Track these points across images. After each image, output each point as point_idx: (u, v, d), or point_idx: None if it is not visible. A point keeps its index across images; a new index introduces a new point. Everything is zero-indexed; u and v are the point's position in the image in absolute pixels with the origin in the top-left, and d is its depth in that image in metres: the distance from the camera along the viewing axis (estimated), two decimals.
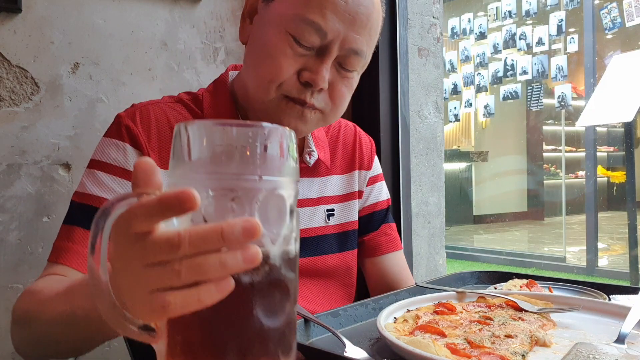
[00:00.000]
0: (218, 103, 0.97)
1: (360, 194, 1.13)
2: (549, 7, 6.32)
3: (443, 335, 0.71)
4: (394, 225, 1.19)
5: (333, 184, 1.08)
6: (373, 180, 1.15)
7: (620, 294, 0.93)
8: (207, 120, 0.45)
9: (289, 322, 0.47)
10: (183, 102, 0.97)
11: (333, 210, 1.07)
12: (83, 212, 0.85)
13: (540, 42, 6.40)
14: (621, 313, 0.75)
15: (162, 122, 0.92)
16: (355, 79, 0.92)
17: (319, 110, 0.89)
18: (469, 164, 8.19)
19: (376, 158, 1.19)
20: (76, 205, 0.87)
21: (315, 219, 1.04)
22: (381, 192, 1.17)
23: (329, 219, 1.06)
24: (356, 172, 1.12)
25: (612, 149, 7.10)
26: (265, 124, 0.45)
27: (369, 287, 1.17)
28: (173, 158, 0.46)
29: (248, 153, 0.44)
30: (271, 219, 0.45)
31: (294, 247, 0.47)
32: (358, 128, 1.18)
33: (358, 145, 1.14)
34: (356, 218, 1.11)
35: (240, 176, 0.44)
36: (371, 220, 1.15)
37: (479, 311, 0.82)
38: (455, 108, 7.59)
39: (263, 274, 0.45)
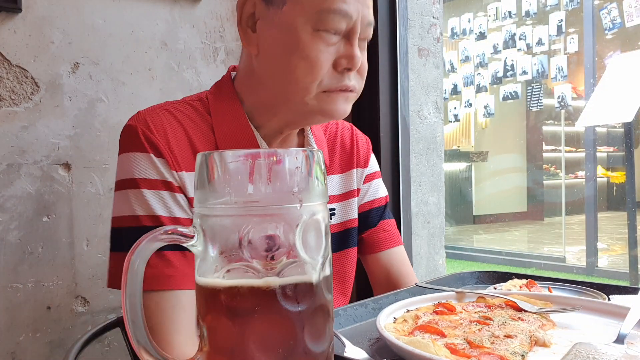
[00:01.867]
0: (225, 106, 0.97)
1: (358, 191, 1.14)
2: (548, 7, 6.32)
3: (442, 335, 0.71)
4: (393, 221, 1.20)
5: (333, 184, 1.09)
6: (370, 178, 1.16)
7: (619, 294, 0.93)
8: (241, 150, 0.45)
9: (331, 342, 0.47)
10: (189, 104, 0.96)
11: (334, 209, 1.08)
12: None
13: (540, 43, 6.40)
14: (621, 313, 0.75)
15: (174, 125, 0.91)
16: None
17: (357, 89, 0.94)
18: (468, 164, 8.19)
19: (372, 156, 1.20)
20: (133, 229, 0.85)
21: None
22: (378, 189, 1.18)
23: (330, 219, 1.07)
24: (354, 170, 1.13)
25: (612, 149, 7.09)
26: (297, 150, 0.45)
27: (372, 282, 1.18)
28: (202, 188, 0.45)
29: (288, 181, 0.44)
30: (312, 245, 0.45)
31: (329, 268, 0.47)
32: (355, 128, 1.19)
33: (355, 144, 1.15)
34: (356, 215, 1.12)
35: (282, 205, 0.44)
36: (369, 217, 1.15)
37: (479, 311, 0.82)
38: (455, 108, 7.59)
39: (309, 302, 0.44)
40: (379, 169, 1.21)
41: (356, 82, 0.92)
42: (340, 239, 1.09)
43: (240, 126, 0.95)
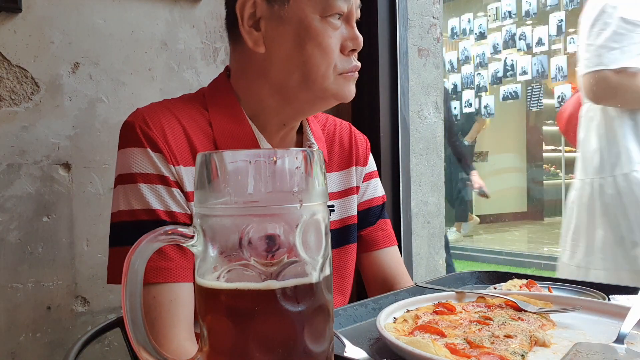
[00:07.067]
0: (222, 102, 0.98)
1: (357, 189, 1.15)
2: (548, 7, 6.32)
3: (443, 335, 0.71)
4: (389, 221, 1.22)
5: (331, 182, 1.10)
6: (369, 177, 1.18)
7: (619, 294, 0.93)
8: (241, 150, 0.45)
9: (331, 342, 0.47)
10: (187, 101, 0.98)
11: (332, 206, 1.09)
12: (142, 229, 0.84)
13: (540, 43, 6.41)
14: (621, 313, 0.75)
15: (171, 120, 0.91)
16: None
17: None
18: None
19: (371, 155, 1.21)
20: (130, 223, 0.85)
21: None
22: (377, 189, 1.19)
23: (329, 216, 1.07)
24: (353, 168, 1.14)
25: None
26: (297, 150, 0.45)
27: (365, 281, 1.19)
28: (202, 188, 0.45)
29: (288, 181, 0.44)
30: (312, 245, 0.45)
31: (329, 268, 0.47)
32: (353, 127, 1.21)
33: (354, 143, 1.16)
34: (355, 212, 1.13)
35: (282, 205, 0.43)
36: (368, 215, 1.16)
37: (479, 311, 0.82)
38: (455, 108, 7.59)
39: (309, 302, 0.44)
40: (376, 169, 1.22)
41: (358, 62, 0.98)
42: (340, 235, 1.10)
43: (238, 121, 0.96)
